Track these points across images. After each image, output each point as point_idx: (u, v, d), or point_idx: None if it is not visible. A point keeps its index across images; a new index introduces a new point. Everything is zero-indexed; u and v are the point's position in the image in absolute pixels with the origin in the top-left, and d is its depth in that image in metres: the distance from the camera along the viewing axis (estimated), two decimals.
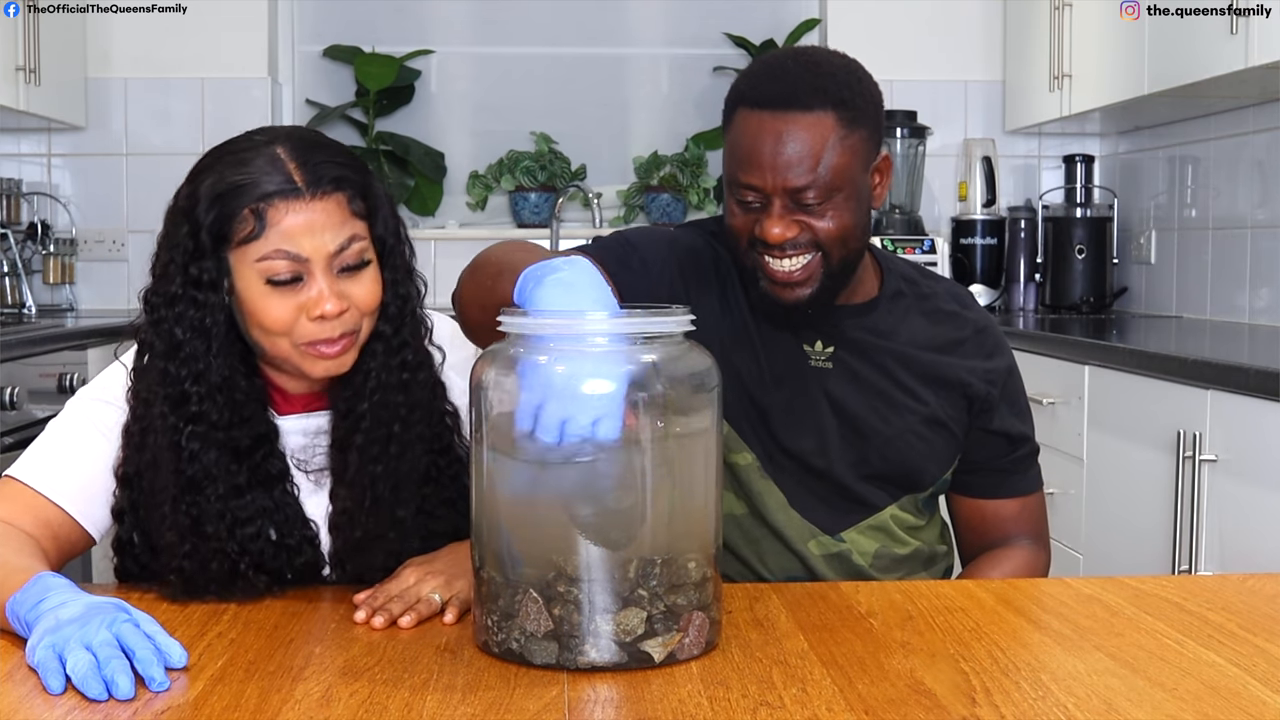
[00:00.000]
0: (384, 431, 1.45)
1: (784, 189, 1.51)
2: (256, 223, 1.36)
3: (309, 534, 1.46)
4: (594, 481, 1.15)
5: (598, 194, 4.20)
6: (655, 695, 1.09)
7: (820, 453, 1.63)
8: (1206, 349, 2.79)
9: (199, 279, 1.39)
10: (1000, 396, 1.70)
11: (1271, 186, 3.38)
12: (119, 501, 1.45)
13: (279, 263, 1.37)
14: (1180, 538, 2.47)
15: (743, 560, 1.66)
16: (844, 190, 1.53)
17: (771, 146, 1.51)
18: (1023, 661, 1.18)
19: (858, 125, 1.53)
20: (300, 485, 1.48)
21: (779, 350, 1.64)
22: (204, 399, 1.40)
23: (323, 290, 1.38)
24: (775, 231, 1.52)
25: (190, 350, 1.39)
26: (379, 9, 4.34)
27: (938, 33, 4.28)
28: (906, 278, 1.72)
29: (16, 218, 4.01)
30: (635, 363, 1.16)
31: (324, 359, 1.41)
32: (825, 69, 1.55)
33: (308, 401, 1.50)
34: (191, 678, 1.13)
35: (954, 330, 1.70)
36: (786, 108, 1.51)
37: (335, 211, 1.39)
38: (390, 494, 1.45)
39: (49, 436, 1.47)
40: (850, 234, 1.55)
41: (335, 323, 1.39)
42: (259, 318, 1.39)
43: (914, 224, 4.16)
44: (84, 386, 1.53)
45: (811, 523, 1.64)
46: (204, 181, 1.39)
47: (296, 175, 1.38)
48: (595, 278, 1.23)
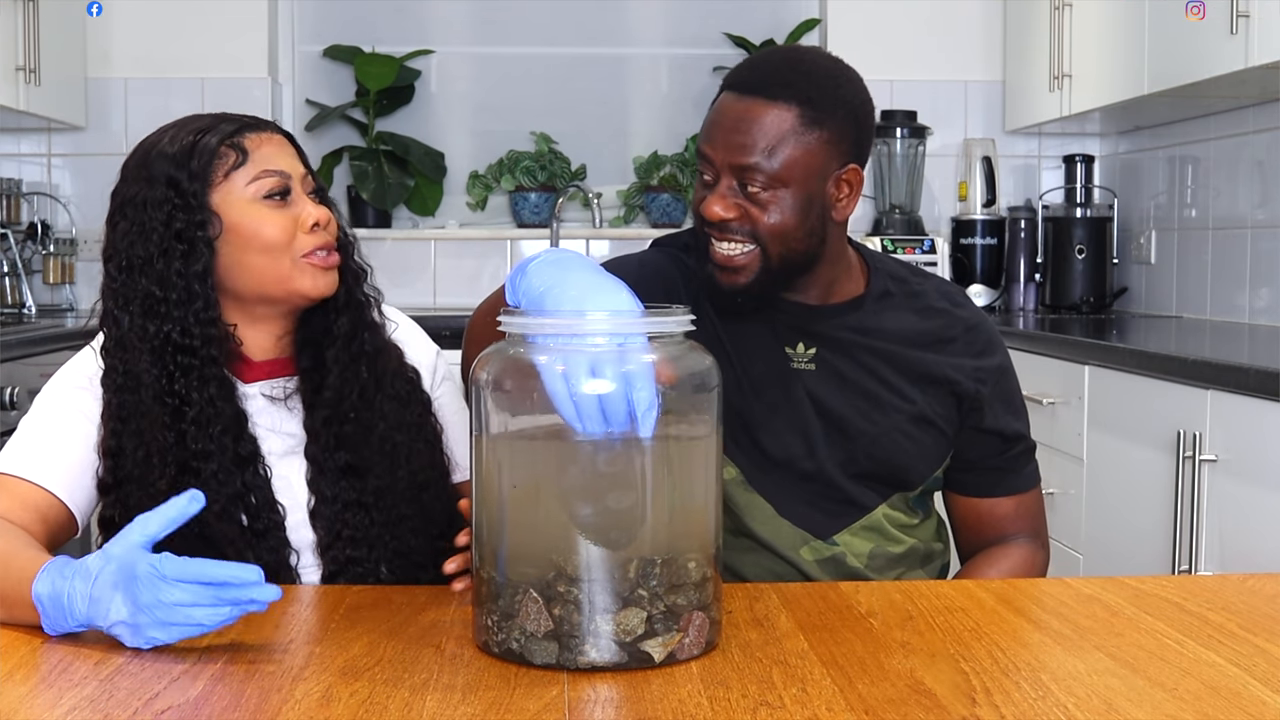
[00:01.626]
0: (353, 383, 1.54)
1: (730, 165, 1.53)
2: (238, 153, 1.49)
3: (276, 518, 1.50)
4: (594, 481, 1.16)
5: (598, 194, 4.20)
6: (655, 695, 1.09)
7: (808, 455, 1.63)
8: (1206, 349, 2.79)
9: (182, 230, 1.47)
10: (992, 395, 1.69)
11: (1271, 186, 3.38)
12: (104, 477, 1.48)
13: (269, 179, 1.50)
14: (1180, 538, 2.47)
15: (732, 570, 1.65)
16: (791, 187, 1.53)
17: (729, 124, 1.53)
18: (1023, 661, 1.18)
19: (821, 127, 1.53)
20: (272, 452, 1.53)
21: (759, 356, 1.64)
22: (191, 335, 1.47)
23: (308, 203, 1.52)
24: (715, 209, 1.54)
25: (177, 296, 1.47)
26: (379, 9, 4.34)
27: (938, 33, 4.28)
28: (895, 276, 1.71)
29: (16, 218, 4.01)
30: (635, 363, 1.16)
31: (324, 270, 1.51)
32: (804, 66, 1.56)
33: (272, 368, 1.56)
34: (191, 678, 1.13)
35: (943, 328, 1.69)
36: (752, 93, 1.54)
37: (287, 145, 1.55)
38: (366, 454, 1.53)
39: (28, 425, 1.51)
40: (790, 234, 1.55)
41: (325, 231, 1.52)
42: (261, 237, 1.48)
43: (914, 224, 4.16)
44: (55, 374, 1.57)
45: (803, 529, 1.63)
46: (159, 151, 1.50)
47: (246, 119, 1.54)
48: (580, 255, 1.27)
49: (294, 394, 1.56)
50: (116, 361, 1.50)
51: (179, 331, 1.47)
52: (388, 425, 1.56)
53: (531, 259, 1.27)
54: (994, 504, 1.74)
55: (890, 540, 1.67)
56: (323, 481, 1.53)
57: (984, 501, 1.74)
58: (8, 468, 1.46)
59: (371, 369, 1.57)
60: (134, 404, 1.47)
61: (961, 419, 1.68)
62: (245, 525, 1.47)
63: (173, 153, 1.49)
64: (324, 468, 1.53)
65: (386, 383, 1.58)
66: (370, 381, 1.56)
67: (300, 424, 1.55)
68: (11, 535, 1.35)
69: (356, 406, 1.54)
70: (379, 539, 1.52)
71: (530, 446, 1.18)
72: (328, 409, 1.53)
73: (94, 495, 1.50)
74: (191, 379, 1.47)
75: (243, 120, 1.53)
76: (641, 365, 1.14)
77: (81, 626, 1.21)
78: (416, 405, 1.61)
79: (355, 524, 1.52)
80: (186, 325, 1.47)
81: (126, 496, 1.47)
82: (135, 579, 1.18)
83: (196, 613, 1.17)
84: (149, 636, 1.17)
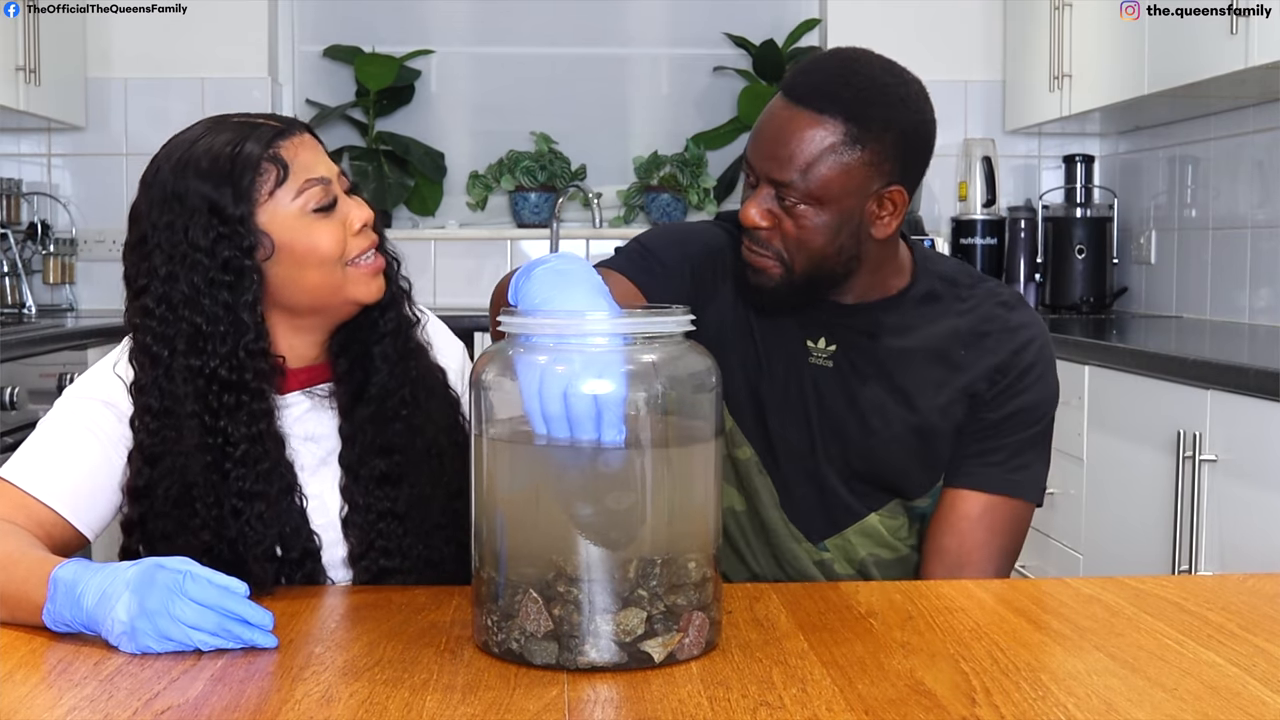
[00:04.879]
0: (403, 379, 1.50)
1: (768, 177, 1.51)
2: (279, 166, 1.41)
3: (311, 547, 1.46)
4: (594, 481, 1.15)
5: (598, 194, 4.20)
6: (655, 695, 1.09)
7: (810, 453, 1.62)
8: (1206, 349, 2.79)
9: (230, 260, 1.38)
10: (1013, 427, 1.62)
11: (1271, 186, 3.38)
12: (129, 515, 1.43)
13: (314, 190, 1.42)
14: (1180, 538, 2.47)
15: (739, 555, 1.66)
16: (826, 205, 1.50)
17: (771, 134, 1.51)
18: (1023, 661, 1.18)
19: (863, 146, 1.48)
20: (305, 467, 1.49)
21: (781, 345, 1.62)
22: (242, 368, 1.40)
23: (351, 205, 1.46)
24: (750, 213, 1.53)
25: (224, 330, 1.39)
26: (379, 9, 4.34)
27: (938, 33, 4.28)
28: (946, 278, 1.65)
29: (16, 218, 4.01)
30: (635, 363, 1.16)
31: (373, 274, 1.46)
32: (858, 80, 1.50)
33: (309, 375, 1.51)
34: (191, 678, 1.13)
35: (990, 346, 1.61)
36: (800, 103, 1.50)
37: (317, 145, 1.47)
38: (406, 459, 1.49)
39: (40, 436, 1.46)
40: (817, 251, 1.52)
41: (370, 230, 1.47)
42: (316, 251, 1.42)
43: (914, 224, 4.16)
44: (72, 385, 1.51)
45: (797, 527, 1.63)
46: (192, 170, 1.40)
47: (275, 124, 1.44)
48: (586, 267, 1.23)
49: (331, 397, 1.51)
50: (151, 400, 1.40)
51: (226, 367, 1.39)
52: (435, 429, 1.51)
53: (540, 263, 1.24)
54: (960, 498, 1.62)
55: (885, 546, 1.65)
56: (356, 490, 1.48)
57: (954, 493, 1.62)
58: (15, 479, 1.42)
59: (418, 366, 1.52)
60: (170, 442, 1.40)
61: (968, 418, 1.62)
62: (280, 556, 1.44)
63: (208, 171, 1.39)
64: (358, 475, 1.48)
65: (431, 382, 1.54)
66: (420, 380, 1.52)
67: (335, 429, 1.50)
68: (18, 537, 1.34)
69: (407, 404, 1.49)
70: (411, 549, 1.48)
71: (530, 446, 1.18)
72: (373, 406, 1.48)
73: (106, 514, 1.45)
74: (240, 416, 1.39)
75: (274, 127, 1.43)
76: (616, 384, 1.12)
77: (82, 625, 1.21)
78: (453, 402, 1.57)
79: (389, 534, 1.48)
80: (236, 360, 1.39)
81: (152, 533, 1.42)
82: (152, 583, 1.18)
83: (197, 635, 1.18)
84: (142, 644, 1.17)
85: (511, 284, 1.26)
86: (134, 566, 1.21)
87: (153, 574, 1.19)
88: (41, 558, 1.28)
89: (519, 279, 1.25)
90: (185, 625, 1.17)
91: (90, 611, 1.20)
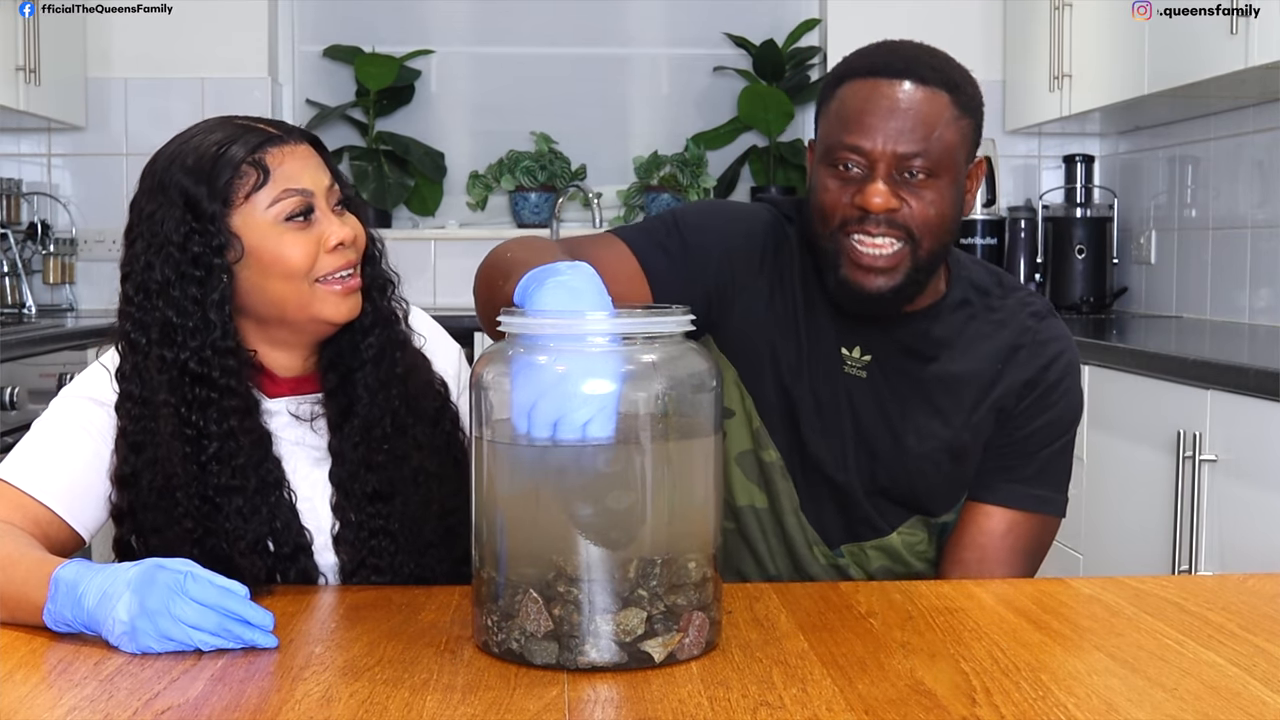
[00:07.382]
0: (385, 409, 1.48)
1: (893, 154, 1.46)
2: (259, 171, 1.42)
3: (303, 542, 1.46)
4: (594, 481, 1.15)
5: (598, 194, 4.20)
6: (655, 695, 1.09)
7: (839, 464, 1.58)
8: (1206, 349, 2.79)
9: (200, 255, 1.40)
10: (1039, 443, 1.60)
11: (1271, 186, 3.38)
12: (118, 504, 1.45)
13: (291, 200, 1.42)
14: (1180, 538, 2.47)
15: (756, 558, 1.63)
16: (948, 174, 1.48)
17: (886, 110, 1.47)
18: (1023, 661, 1.18)
19: (967, 114, 1.50)
20: (296, 470, 1.49)
21: (820, 352, 1.58)
22: (209, 364, 1.41)
23: (332, 221, 1.45)
24: (877, 200, 1.46)
25: (193, 324, 1.41)
26: (379, 9, 4.34)
27: (938, 33, 4.21)
28: (978, 285, 1.62)
29: (16, 218, 4.01)
30: (635, 363, 1.16)
31: (345, 294, 1.45)
32: (940, 55, 1.54)
33: (298, 384, 1.51)
34: (191, 678, 1.13)
35: (1021, 360, 1.59)
36: (903, 77, 1.48)
37: (312, 156, 1.47)
38: (395, 482, 1.48)
39: (35, 436, 1.47)
40: (944, 224, 1.49)
41: (350, 250, 1.45)
42: (283, 262, 1.42)
43: None
44: (68, 385, 1.52)
45: (816, 530, 1.61)
46: (179, 164, 1.42)
47: (271, 129, 1.45)
48: (597, 284, 1.21)
49: (319, 416, 1.50)
50: (132, 387, 1.43)
51: (196, 360, 1.41)
52: (421, 455, 1.50)
53: (553, 271, 1.21)
54: (981, 513, 1.61)
55: (901, 563, 1.63)
56: (349, 506, 1.48)
57: (976, 508, 1.61)
58: (11, 478, 1.43)
59: (403, 393, 1.51)
60: (150, 432, 1.42)
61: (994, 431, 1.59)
62: (272, 551, 1.44)
63: (192, 167, 1.41)
64: (350, 492, 1.48)
65: (419, 406, 1.52)
66: (403, 408, 1.50)
67: (326, 442, 1.50)
68: (18, 538, 1.35)
69: (389, 435, 1.49)
70: (403, 566, 1.48)
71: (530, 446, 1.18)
72: (357, 436, 1.48)
73: (101, 513, 1.46)
74: (210, 412, 1.41)
75: (267, 132, 1.44)
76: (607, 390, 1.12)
77: (83, 625, 1.21)
78: (446, 423, 1.55)
79: (381, 550, 1.48)
80: (204, 355, 1.41)
81: (142, 524, 1.43)
82: (153, 583, 1.18)
83: (198, 635, 1.18)
84: (143, 644, 1.18)
85: (519, 287, 1.24)
86: (135, 567, 1.21)
87: (154, 574, 1.19)
88: (41, 558, 1.29)
89: (528, 283, 1.23)
90: (186, 625, 1.17)
91: (91, 611, 1.20)
